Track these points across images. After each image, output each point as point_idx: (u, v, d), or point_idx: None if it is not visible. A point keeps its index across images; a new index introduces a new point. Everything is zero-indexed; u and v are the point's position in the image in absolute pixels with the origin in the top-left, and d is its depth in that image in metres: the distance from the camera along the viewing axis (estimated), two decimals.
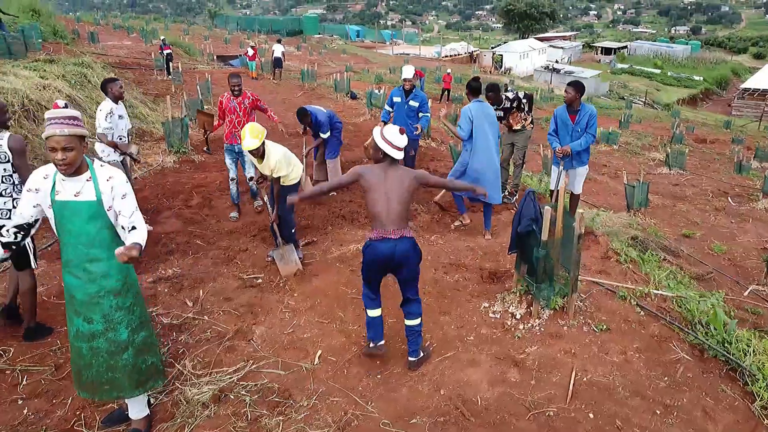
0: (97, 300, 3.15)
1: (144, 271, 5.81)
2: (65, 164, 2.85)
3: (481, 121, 6.23)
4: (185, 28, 51.19)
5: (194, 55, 33.83)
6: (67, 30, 31.09)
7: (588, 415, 3.52)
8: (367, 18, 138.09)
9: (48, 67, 12.77)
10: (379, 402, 3.72)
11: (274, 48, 24.20)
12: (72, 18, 42.33)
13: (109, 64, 21.76)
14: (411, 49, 67.33)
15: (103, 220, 3.05)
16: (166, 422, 3.61)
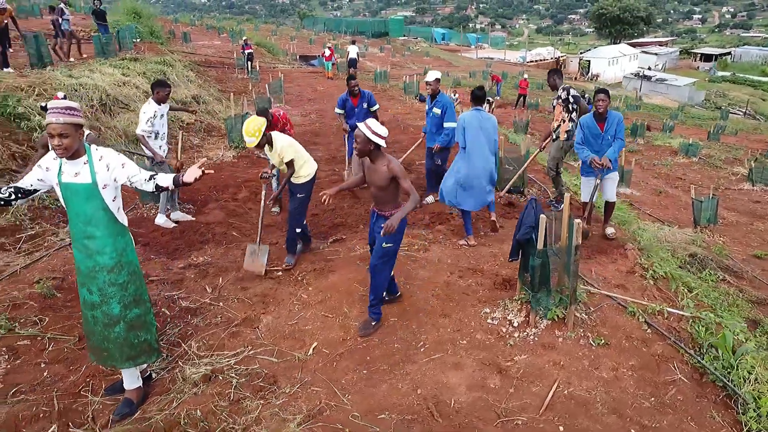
0: (94, 274, 3.48)
1: (177, 258, 6.22)
2: (61, 149, 3.17)
3: (475, 130, 6.15)
4: (274, 29, 53.23)
5: (277, 54, 35.09)
6: (163, 30, 33.19)
7: (558, 427, 3.46)
8: (455, 21, 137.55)
9: (132, 65, 13.75)
10: (356, 395, 3.83)
11: (348, 49, 24.74)
12: (171, 19, 45.13)
13: (195, 63, 23.03)
14: (495, 53, 66.47)
15: (98, 202, 3.36)
16: (160, 395, 3.89)
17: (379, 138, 4.29)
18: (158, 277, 5.70)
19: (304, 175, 5.78)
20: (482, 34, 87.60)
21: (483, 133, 6.14)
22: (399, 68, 41.82)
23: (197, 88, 16.10)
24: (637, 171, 15.84)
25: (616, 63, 58.35)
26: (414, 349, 4.38)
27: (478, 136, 6.11)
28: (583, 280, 5.38)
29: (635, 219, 8.64)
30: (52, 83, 9.84)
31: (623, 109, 32.22)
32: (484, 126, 6.14)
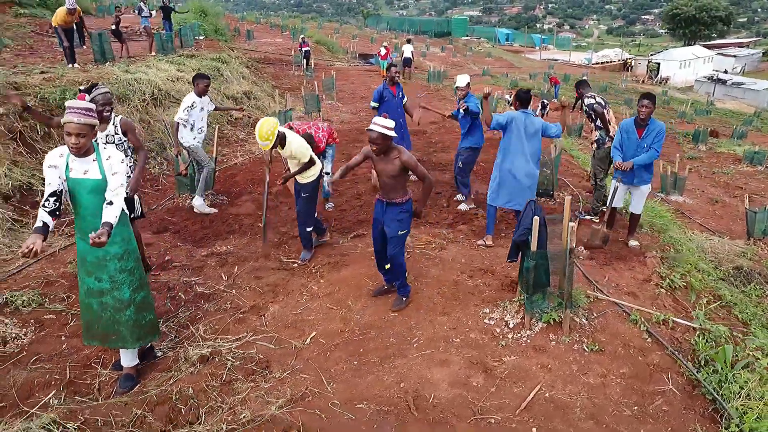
0: (105, 263, 3.73)
1: (202, 246, 6.53)
2: (76, 147, 3.43)
3: (519, 129, 6.08)
4: (337, 27, 53.97)
5: (337, 52, 35.65)
6: (228, 28, 34.30)
7: (531, 428, 3.47)
8: (523, 21, 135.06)
9: (187, 62, 14.36)
10: (341, 384, 3.95)
11: (404, 48, 24.85)
12: (237, 17, 46.60)
13: (253, 60, 23.74)
14: (560, 55, 64.94)
15: None
16: (160, 372, 4.14)
17: (391, 131, 4.55)
18: (181, 263, 6.01)
19: (310, 175, 5.89)
20: (548, 35, 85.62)
21: (527, 130, 6.08)
22: (458, 68, 41.60)
23: (250, 84, 16.62)
24: (694, 178, 15.21)
25: (688, 66, 55.81)
26: (407, 344, 4.46)
27: (520, 134, 6.04)
28: (594, 285, 5.30)
29: (678, 226, 8.37)
30: (109, 78, 10.44)
31: (690, 114, 30.86)
32: (530, 129, 6.08)
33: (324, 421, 3.55)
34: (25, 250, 3.06)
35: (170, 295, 5.31)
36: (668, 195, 12.11)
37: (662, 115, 29.87)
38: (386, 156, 4.66)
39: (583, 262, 5.91)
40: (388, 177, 4.69)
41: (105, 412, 3.60)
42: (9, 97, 6.78)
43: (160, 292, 5.37)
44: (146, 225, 7.14)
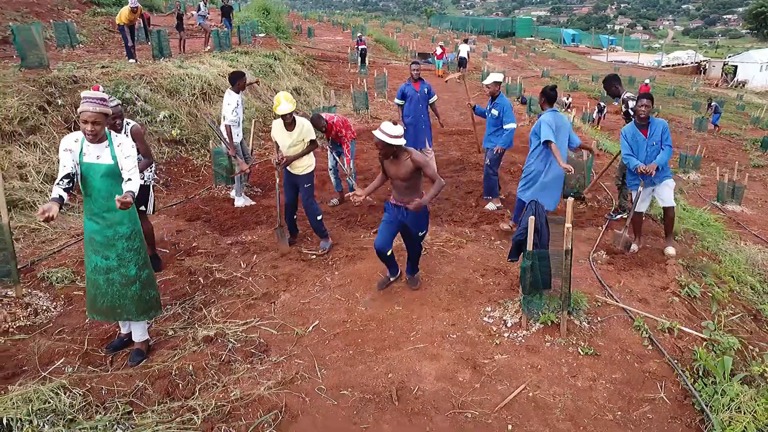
0: (113, 242, 4.00)
1: (229, 235, 6.82)
2: (92, 134, 3.72)
3: (558, 131, 6.14)
4: (399, 26, 54.28)
5: (395, 51, 35.88)
6: (290, 26, 35.09)
7: (507, 426, 3.49)
8: (592, 22, 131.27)
9: (241, 58, 14.89)
10: (332, 371, 4.09)
11: (459, 48, 24.76)
12: (301, 15, 47.65)
13: (310, 57, 24.26)
14: (628, 57, 62.78)
15: (118, 179, 3.88)
16: (167, 350, 4.40)
17: (396, 139, 4.61)
18: (206, 250, 6.30)
19: (309, 164, 6.14)
20: (618, 36, 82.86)
21: (562, 129, 6.14)
22: (519, 69, 41.03)
23: (301, 81, 17.04)
24: (757, 188, 14.51)
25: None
26: (405, 337, 4.55)
27: (559, 135, 6.12)
28: (606, 290, 5.23)
29: (728, 236, 8.06)
30: (162, 73, 10.99)
31: (766, 120, 29.22)
32: (564, 127, 6.14)
33: (306, 404, 3.69)
34: (43, 215, 3.41)
35: (191, 279, 5.60)
36: (724, 204, 11.62)
37: (734, 122, 28.45)
38: (397, 159, 4.74)
39: (601, 266, 5.82)
40: (401, 179, 4.77)
41: (110, 382, 3.88)
42: None
43: (182, 275, 5.67)
44: (180, 213, 7.53)
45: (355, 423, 3.54)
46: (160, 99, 10.10)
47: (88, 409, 3.57)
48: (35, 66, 9.59)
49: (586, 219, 7.35)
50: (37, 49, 9.61)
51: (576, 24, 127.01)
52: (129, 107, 9.33)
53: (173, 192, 8.46)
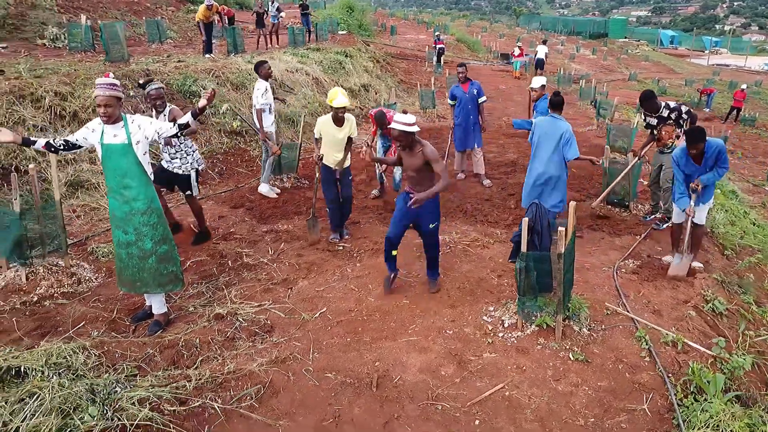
0: (130, 217, 4.40)
1: (266, 223, 7.19)
2: (105, 115, 4.13)
3: (543, 135, 6.04)
4: (485, 26, 53.66)
5: (477, 51, 35.61)
6: (374, 24, 35.62)
7: (474, 421, 3.57)
8: (699, 22, 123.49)
9: (312, 54, 15.40)
10: (324, 355, 4.30)
11: (537, 48, 24.24)
12: (387, 13, 48.20)
13: (388, 54, 24.61)
14: (733, 59, 58.70)
15: (133, 157, 4.26)
16: (183, 324, 4.77)
17: (411, 127, 4.78)
18: (241, 236, 6.70)
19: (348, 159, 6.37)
20: (725, 36, 77.57)
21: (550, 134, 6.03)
22: (607, 72, 39.52)
23: (371, 78, 17.37)
24: None
25: None
26: (403, 329, 4.69)
27: (544, 139, 6.03)
28: (620, 298, 5.12)
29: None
30: (231, 68, 11.62)
31: None
32: (553, 132, 6.01)
33: (290, 382, 3.93)
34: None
35: (220, 261, 5.99)
36: None
37: None
38: (411, 150, 4.89)
39: (624, 275, 5.68)
40: (414, 171, 4.92)
41: (125, 347, 4.29)
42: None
43: (214, 258, 6.08)
44: (227, 200, 8.01)
45: (330, 404, 3.73)
46: (224, 92, 10.70)
47: (99, 368, 3.96)
48: (118, 60, 10.47)
49: (626, 227, 7.14)
50: (120, 44, 10.48)
51: (679, 25, 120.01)
52: (194, 99, 9.97)
53: (225, 180, 8.99)
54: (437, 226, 5.13)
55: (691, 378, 3.87)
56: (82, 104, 8.26)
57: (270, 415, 3.61)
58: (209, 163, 9.19)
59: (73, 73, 9.20)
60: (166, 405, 3.58)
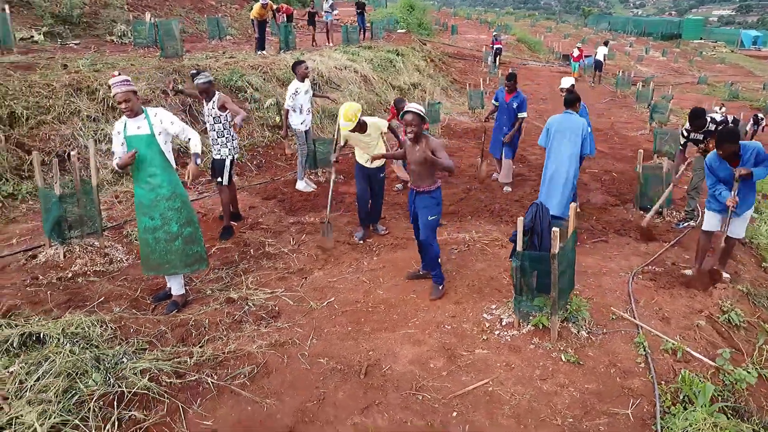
0: (156, 203, 4.71)
1: (294, 215, 7.43)
2: (127, 109, 4.45)
3: (560, 133, 6.00)
4: (551, 25, 52.50)
5: (538, 51, 34.94)
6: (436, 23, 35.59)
7: (452, 413, 3.64)
8: None
9: (363, 52, 15.63)
10: (321, 342, 4.46)
11: (597, 50, 23.59)
12: (450, 12, 48.01)
13: (445, 54, 24.60)
14: None
15: (156, 147, 4.57)
16: (197, 305, 5.05)
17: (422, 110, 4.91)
18: (267, 226, 6.97)
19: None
20: None
21: (568, 131, 6.00)
22: (677, 75, 37.94)
23: (423, 77, 17.45)
24: None
25: None
26: (405, 322, 4.79)
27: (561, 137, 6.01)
28: (630, 304, 5.04)
29: None
30: (279, 65, 12.00)
31: None
32: (571, 129, 5.99)
33: (283, 365, 4.12)
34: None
35: (243, 249, 6.27)
36: None
37: None
38: (416, 144, 4.99)
39: (640, 281, 5.57)
40: (417, 165, 5.02)
41: (141, 323, 4.60)
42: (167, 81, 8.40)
43: (238, 246, 6.37)
44: (261, 191, 8.32)
45: (317, 387, 3.89)
46: (270, 88, 11.08)
47: (114, 340, 4.28)
48: (172, 55, 11.01)
49: (657, 233, 6.95)
50: (174, 40, 11.02)
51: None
52: (240, 94, 10.38)
53: (263, 173, 9.32)
54: (436, 220, 5.14)
55: (680, 386, 3.80)
56: (147, 94, 8.76)
57: (259, 393, 3.81)
58: (249, 155, 9.56)
59: (129, 67, 9.77)
60: (165, 377, 3.84)
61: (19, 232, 6.32)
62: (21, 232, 6.32)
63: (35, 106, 7.76)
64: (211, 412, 3.64)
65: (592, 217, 7.53)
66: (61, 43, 13.92)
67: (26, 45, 13.06)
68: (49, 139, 7.59)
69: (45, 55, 10.73)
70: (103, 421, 3.42)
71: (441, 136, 12.75)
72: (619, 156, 11.59)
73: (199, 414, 3.61)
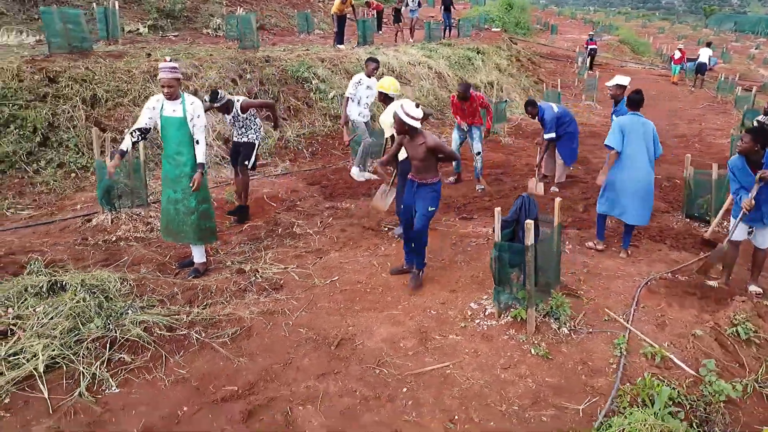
0: (180, 179, 5.21)
1: (332, 200, 7.78)
2: (169, 93, 4.94)
3: (635, 135, 5.77)
4: (664, 26, 49.47)
5: (643, 54, 33.18)
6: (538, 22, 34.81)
7: (402, 388, 3.79)
8: None
9: (441, 49, 15.77)
10: (308, 315, 4.74)
11: (700, 52, 22.08)
12: (555, 12, 46.61)
13: (536, 54, 24.14)
14: None
15: (186, 129, 5.05)
16: (214, 274, 5.51)
17: (412, 120, 4.98)
18: (303, 209, 7.37)
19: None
20: None
21: (642, 133, 5.81)
22: None
23: (503, 76, 17.27)
24: None
25: None
26: (395, 304, 4.97)
27: (635, 140, 5.82)
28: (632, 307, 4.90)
29: None
30: (350, 58, 12.43)
31: None
32: (645, 132, 5.79)
33: (264, 330, 4.45)
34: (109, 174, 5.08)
35: (272, 228, 6.69)
36: None
37: None
38: (413, 141, 5.10)
39: (654, 288, 5.37)
40: (417, 159, 5.15)
41: (158, 284, 5.12)
42: None
43: (268, 224, 6.80)
44: (307, 177, 8.76)
45: (287, 352, 4.19)
46: (336, 80, 11.52)
47: (129, 295, 4.81)
48: (249, 47, 11.75)
49: (694, 242, 6.61)
50: (252, 33, 11.74)
51: None
52: (305, 84, 10.91)
53: (316, 160, 9.76)
54: (434, 212, 5.23)
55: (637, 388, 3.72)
56: (202, 84, 9.50)
57: (235, 352, 4.16)
58: (306, 142, 10.04)
59: (207, 57, 10.57)
60: (157, 329, 4.29)
61: (84, 199, 7.14)
62: (86, 199, 7.14)
63: (115, 90, 8.65)
64: (189, 363, 4.04)
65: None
66: (161, 35, 15.22)
67: (132, 37, 14.43)
68: (123, 119, 8.44)
69: (139, 46, 11.83)
70: (95, 359, 3.92)
71: (507, 135, 12.62)
72: (694, 163, 10.93)
73: (178, 363, 4.03)
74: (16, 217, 6.67)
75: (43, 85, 8.09)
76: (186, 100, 5.04)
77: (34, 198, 7.09)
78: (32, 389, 3.65)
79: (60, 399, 3.59)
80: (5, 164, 7.26)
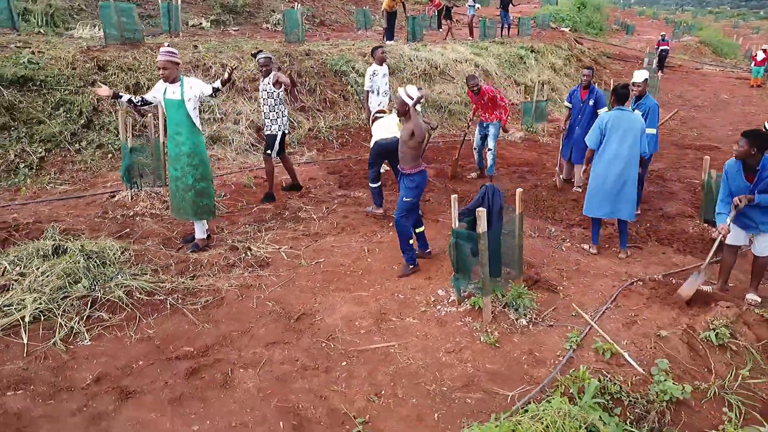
0: (179, 157, 5.60)
1: (347, 188, 8.01)
2: (164, 75, 5.34)
3: (615, 131, 5.65)
4: (759, 26, 46.35)
5: (726, 55, 31.35)
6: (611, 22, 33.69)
7: (342, 362, 3.96)
8: None
9: (493, 48, 15.66)
10: (283, 290, 5.00)
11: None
12: (635, 11, 44.74)
13: (603, 54, 23.42)
14: None
15: (184, 111, 5.42)
16: (212, 249, 5.88)
17: (409, 99, 5.17)
18: (315, 196, 7.63)
19: None
20: None
21: (625, 129, 5.70)
22: None
23: (556, 76, 16.91)
24: None
25: None
26: (369, 286, 5.14)
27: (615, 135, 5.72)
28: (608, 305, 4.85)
29: None
30: (394, 53, 12.60)
31: None
32: (629, 127, 5.68)
33: (234, 301, 4.75)
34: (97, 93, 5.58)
35: (280, 212, 7.00)
36: None
37: None
38: (405, 124, 5.27)
39: (638, 288, 5.26)
40: (402, 143, 5.30)
41: (156, 255, 5.53)
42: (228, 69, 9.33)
43: (277, 208, 7.11)
44: (329, 166, 9.02)
45: (249, 322, 4.46)
46: None
47: (126, 263, 5.24)
48: (294, 41, 12.20)
49: (703, 246, 6.35)
50: (297, 27, 12.17)
51: None
52: (343, 77, 11.21)
53: (344, 151, 10.01)
54: (411, 203, 5.30)
55: (565, 380, 3.72)
56: (240, 75, 9.99)
57: (202, 318, 4.49)
58: (338, 134, 10.33)
59: (250, 49, 11.05)
60: (138, 294, 4.68)
61: (115, 177, 7.73)
62: (116, 177, 7.72)
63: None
64: (159, 325, 4.40)
65: (645, 224, 7.04)
66: (223, 29, 16.01)
67: (195, 30, 15.28)
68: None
69: (195, 38, 12.54)
70: (76, 314, 4.34)
71: (546, 135, 12.40)
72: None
73: (149, 324, 4.39)
74: (53, 191, 7.34)
75: (93, 72, 8.80)
76: (185, 84, 5.41)
77: (72, 175, 7.76)
78: (16, 336, 4.11)
79: (36, 345, 4.03)
80: (52, 143, 7.97)
